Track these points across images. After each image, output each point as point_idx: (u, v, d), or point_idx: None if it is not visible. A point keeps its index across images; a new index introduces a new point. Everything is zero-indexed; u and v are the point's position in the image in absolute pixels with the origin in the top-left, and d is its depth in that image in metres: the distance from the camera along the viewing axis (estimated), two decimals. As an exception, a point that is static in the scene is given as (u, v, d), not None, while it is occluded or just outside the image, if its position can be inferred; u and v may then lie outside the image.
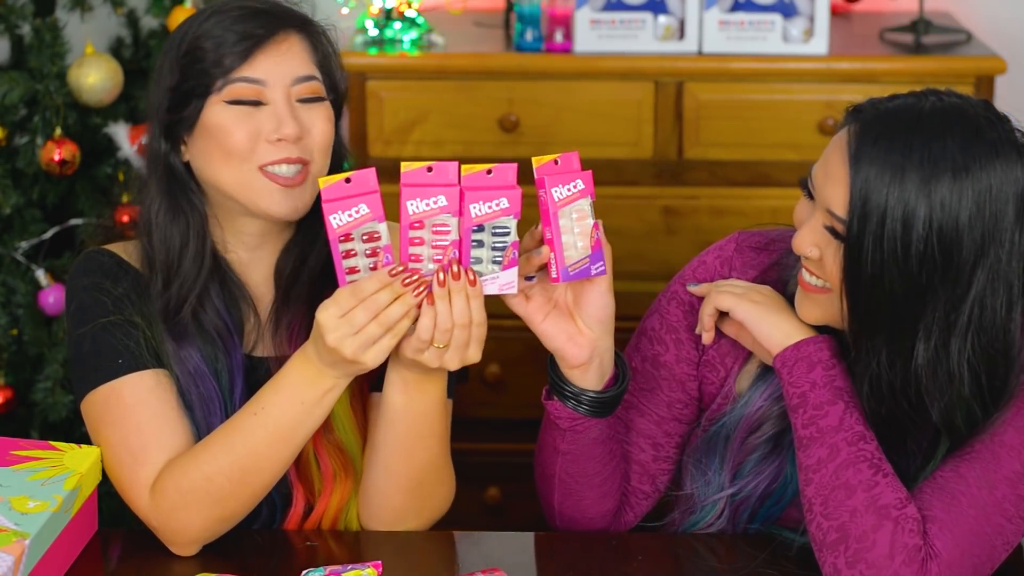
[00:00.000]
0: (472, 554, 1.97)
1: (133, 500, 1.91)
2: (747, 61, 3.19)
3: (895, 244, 1.72)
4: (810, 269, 1.83)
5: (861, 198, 1.73)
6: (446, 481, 1.98)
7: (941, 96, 1.79)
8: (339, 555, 1.93)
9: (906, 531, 1.75)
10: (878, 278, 1.74)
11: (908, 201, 1.71)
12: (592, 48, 3.22)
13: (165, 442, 1.89)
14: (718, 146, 3.23)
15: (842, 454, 1.79)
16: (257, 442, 1.85)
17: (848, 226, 1.75)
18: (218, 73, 1.90)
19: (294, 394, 1.83)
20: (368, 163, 3.25)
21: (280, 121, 1.90)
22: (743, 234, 2.03)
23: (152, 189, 1.97)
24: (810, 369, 1.84)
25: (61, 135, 2.84)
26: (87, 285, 1.96)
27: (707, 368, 1.99)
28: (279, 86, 1.91)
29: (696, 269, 2.02)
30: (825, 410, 1.81)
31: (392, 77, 3.23)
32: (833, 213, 1.77)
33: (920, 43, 3.28)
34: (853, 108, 1.81)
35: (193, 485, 1.86)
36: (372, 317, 1.73)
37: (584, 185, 1.79)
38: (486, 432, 3.13)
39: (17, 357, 2.90)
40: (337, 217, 1.72)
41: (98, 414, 1.92)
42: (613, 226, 3.23)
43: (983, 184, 1.72)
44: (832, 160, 1.78)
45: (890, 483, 1.78)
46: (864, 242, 1.73)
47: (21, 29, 2.97)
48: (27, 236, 2.89)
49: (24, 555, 1.75)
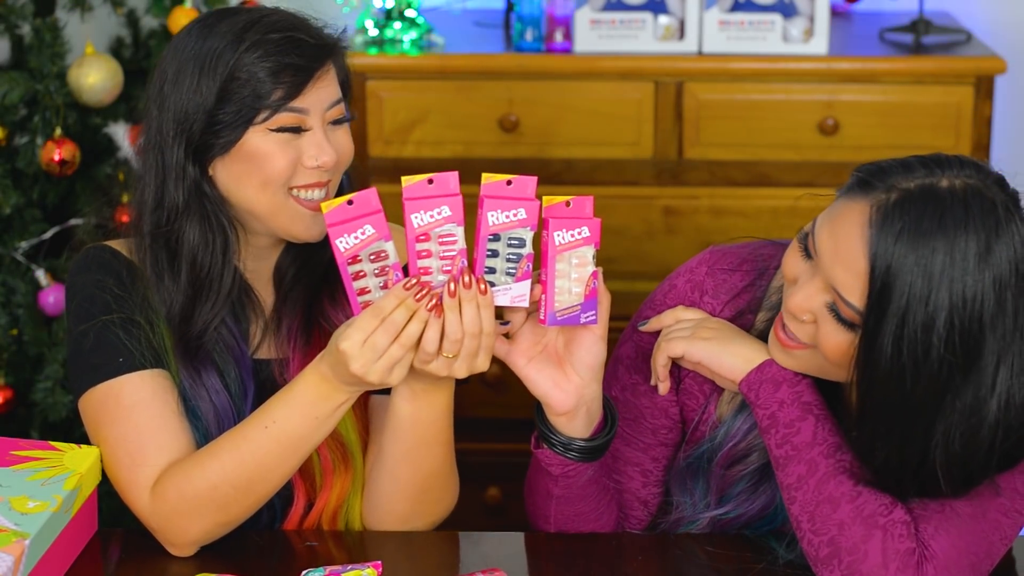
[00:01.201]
0: (472, 554, 1.97)
1: (131, 501, 1.91)
2: (747, 61, 3.19)
3: (915, 345, 1.66)
4: (792, 328, 1.78)
5: (881, 293, 1.66)
6: (451, 487, 1.99)
7: (956, 169, 1.69)
8: (339, 555, 1.93)
9: (896, 536, 1.74)
10: (894, 376, 1.68)
11: (930, 298, 1.64)
12: (592, 48, 3.22)
13: (164, 444, 1.89)
14: (718, 146, 3.23)
15: (820, 468, 1.78)
16: (267, 454, 1.85)
17: (865, 319, 1.69)
18: (266, 105, 1.88)
19: (308, 410, 1.83)
20: (368, 163, 3.26)
21: (320, 148, 1.91)
22: (715, 254, 1.98)
23: (178, 208, 1.93)
24: (776, 389, 1.82)
25: (61, 135, 2.84)
26: (88, 281, 1.95)
27: (686, 395, 1.97)
28: (318, 113, 1.91)
29: (667, 294, 1.98)
30: (796, 427, 1.80)
31: (392, 77, 3.23)
32: (844, 299, 1.70)
33: (920, 43, 3.28)
34: (862, 179, 1.71)
35: (197, 492, 1.86)
36: (393, 339, 1.73)
37: (589, 233, 1.77)
38: (486, 432, 3.13)
39: (17, 357, 2.90)
40: (344, 241, 1.72)
41: (96, 412, 1.92)
42: (613, 226, 3.25)
43: (1004, 276, 1.66)
44: (845, 237, 1.70)
45: (872, 492, 1.76)
46: (882, 339, 1.67)
47: (21, 29, 2.97)
48: (27, 236, 2.90)
49: (24, 555, 1.75)
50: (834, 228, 1.72)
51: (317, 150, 1.91)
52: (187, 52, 1.92)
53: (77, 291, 1.96)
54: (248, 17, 1.93)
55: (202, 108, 1.90)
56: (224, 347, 1.96)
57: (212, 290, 1.94)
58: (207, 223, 1.93)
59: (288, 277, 2.00)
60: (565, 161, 3.24)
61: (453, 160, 3.23)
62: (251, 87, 1.88)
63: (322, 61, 1.92)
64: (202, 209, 1.93)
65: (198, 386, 1.93)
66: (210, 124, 1.90)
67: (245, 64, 1.89)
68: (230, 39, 1.90)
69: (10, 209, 2.84)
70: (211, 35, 1.92)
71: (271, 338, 2.00)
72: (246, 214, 1.95)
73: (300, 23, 1.95)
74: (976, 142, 3.19)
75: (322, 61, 1.92)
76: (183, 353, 1.93)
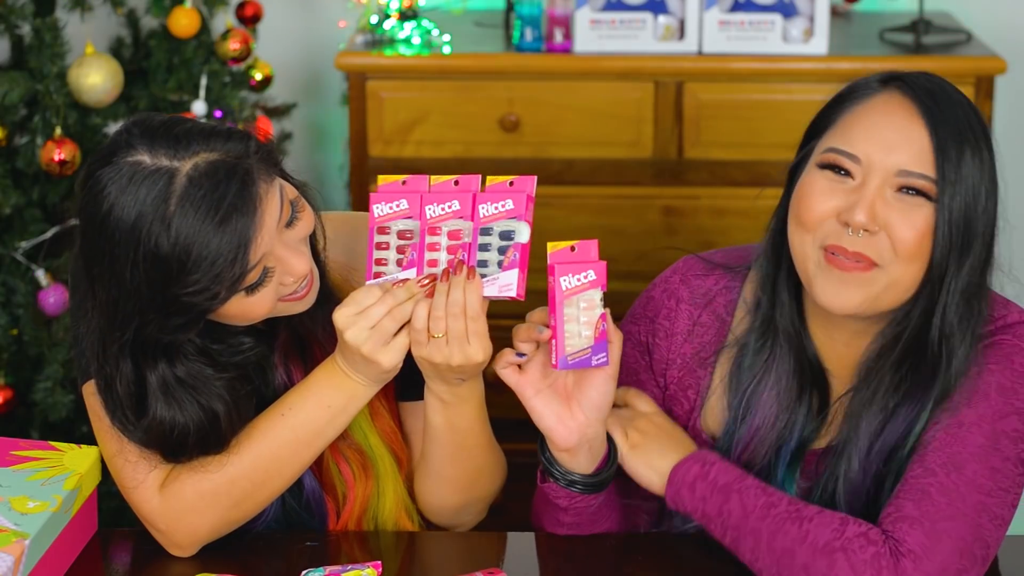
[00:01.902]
0: (472, 554, 1.97)
1: (137, 500, 1.90)
2: (747, 61, 3.19)
3: (986, 174, 1.79)
4: (856, 248, 1.79)
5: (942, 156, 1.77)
6: (498, 470, 2.02)
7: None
8: (339, 555, 1.93)
9: (857, 550, 1.75)
10: (971, 207, 1.78)
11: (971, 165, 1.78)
12: (592, 48, 3.22)
13: None
14: (718, 146, 3.23)
15: (763, 532, 1.79)
16: (281, 444, 1.86)
17: (940, 176, 1.77)
18: (224, 285, 1.74)
19: (321, 399, 1.85)
20: (368, 163, 3.26)
21: (290, 268, 1.79)
22: (688, 262, 2.01)
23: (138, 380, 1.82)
24: (692, 490, 1.85)
25: (61, 135, 2.84)
26: None
27: (672, 403, 1.99)
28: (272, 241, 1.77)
29: (645, 306, 2.01)
30: (727, 511, 1.82)
31: (392, 77, 3.23)
32: (916, 172, 1.77)
33: (920, 43, 3.28)
34: (890, 76, 1.86)
35: (215, 487, 1.86)
36: (387, 311, 1.76)
37: (596, 276, 1.79)
38: (486, 432, 3.14)
39: (17, 357, 2.91)
40: (379, 207, 1.78)
41: (97, 404, 1.91)
42: (613, 226, 3.25)
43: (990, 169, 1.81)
44: (890, 123, 1.80)
45: (817, 522, 1.78)
46: (961, 182, 1.77)
47: (21, 29, 2.98)
48: (27, 236, 2.90)
49: (24, 555, 1.75)
50: (872, 123, 1.82)
51: (288, 277, 1.80)
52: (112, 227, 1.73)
53: (79, 281, 1.95)
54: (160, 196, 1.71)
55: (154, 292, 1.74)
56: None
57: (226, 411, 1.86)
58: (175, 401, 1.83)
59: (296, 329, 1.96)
60: (565, 161, 3.24)
61: (453, 160, 3.23)
62: (203, 268, 1.72)
63: (255, 208, 1.72)
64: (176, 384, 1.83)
65: None
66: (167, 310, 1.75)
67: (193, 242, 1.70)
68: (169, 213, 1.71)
69: (10, 209, 2.84)
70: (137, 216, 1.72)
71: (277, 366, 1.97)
72: None
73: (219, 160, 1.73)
74: (976, 142, 3.19)
75: (255, 208, 1.72)
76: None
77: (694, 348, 1.97)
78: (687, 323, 1.97)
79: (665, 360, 1.99)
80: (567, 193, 3.24)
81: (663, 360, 1.99)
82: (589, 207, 3.24)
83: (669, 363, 1.99)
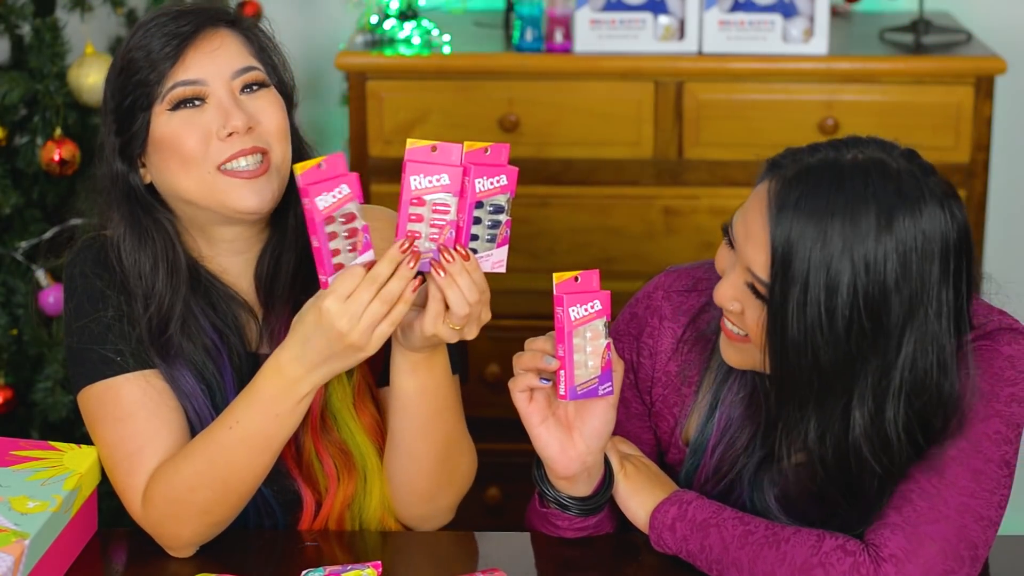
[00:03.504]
0: (472, 554, 1.97)
1: (128, 504, 1.91)
2: (747, 61, 3.19)
3: (819, 310, 1.68)
4: (731, 319, 1.80)
5: (783, 262, 1.69)
6: (467, 451, 2.00)
7: (863, 147, 1.73)
8: (339, 555, 1.93)
9: (835, 563, 1.75)
10: (803, 344, 1.70)
11: (831, 265, 1.67)
12: (592, 48, 3.22)
13: (161, 449, 1.89)
14: (718, 146, 3.23)
15: (744, 561, 1.80)
16: (235, 455, 1.85)
17: (771, 290, 1.71)
18: (154, 79, 1.88)
19: (268, 407, 1.83)
20: (368, 163, 3.26)
21: (227, 114, 1.88)
22: (669, 275, 2.00)
23: (115, 216, 1.95)
24: (673, 531, 1.86)
25: (61, 135, 2.84)
26: (86, 274, 1.95)
27: (658, 419, 2.00)
28: (218, 82, 1.89)
29: (628, 323, 2.01)
30: (707, 546, 1.83)
31: (392, 77, 3.23)
32: (754, 274, 1.73)
33: (920, 43, 3.28)
34: (772, 161, 1.77)
35: (178, 496, 1.86)
36: (375, 294, 1.74)
37: (601, 306, 1.80)
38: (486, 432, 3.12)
39: (17, 357, 2.91)
40: (323, 199, 1.71)
41: (95, 410, 1.92)
42: (613, 226, 3.25)
43: (907, 243, 1.67)
44: (751, 218, 1.74)
45: (794, 543, 1.78)
46: (788, 307, 1.69)
47: (21, 29, 2.98)
48: (27, 236, 2.90)
49: (24, 555, 1.75)
50: (744, 210, 1.77)
51: (223, 118, 1.88)
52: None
53: (75, 284, 1.96)
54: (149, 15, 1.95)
55: (110, 108, 1.92)
56: (202, 348, 1.94)
57: (155, 289, 1.93)
58: (136, 222, 1.94)
59: (267, 279, 2.00)
60: (565, 161, 3.24)
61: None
62: (141, 68, 1.89)
63: (203, 27, 1.90)
64: (131, 208, 1.94)
65: (175, 385, 1.92)
66: (120, 120, 1.92)
67: (132, 47, 1.91)
68: (124, 41, 1.94)
69: (10, 209, 2.84)
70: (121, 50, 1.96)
71: (266, 334, 2.00)
72: (188, 206, 1.93)
73: (186, 5, 1.95)
74: (976, 142, 3.19)
75: (203, 27, 1.90)
76: (154, 352, 1.92)
77: (678, 366, 1.97)
78: (671, 341, 1.97)
79: (650, 378, 1.99)
80: (567, 193, 3.24)
81: (648, 379, 2.00)
82: (589, 207, 3.24)
83: (654, 381, 1.99)
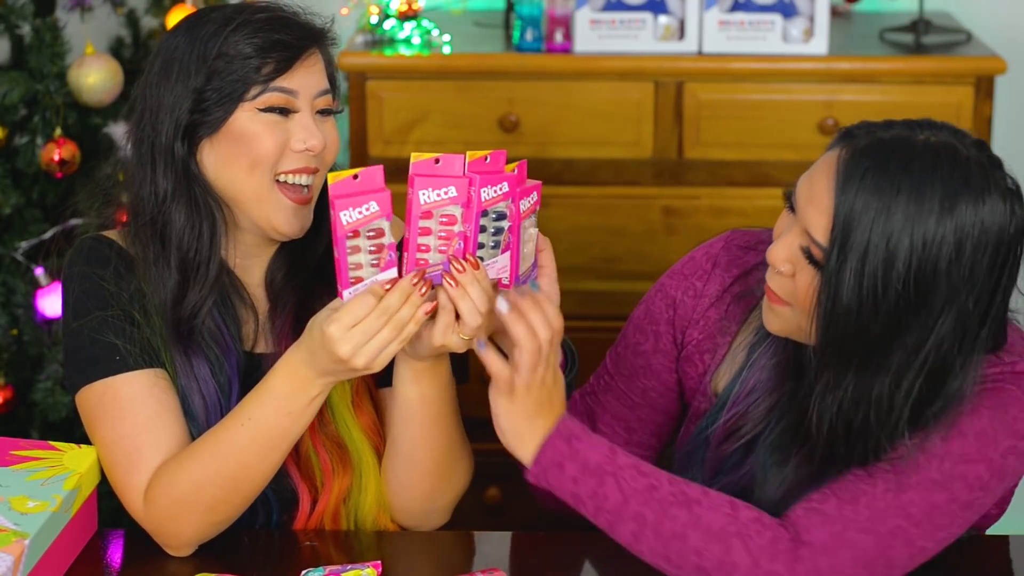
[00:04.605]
0: (472, 554, 1.97)
1: (128, 503, 1.91)
2: (747, 61, 3.19)
3: (875, 281, 1.70)
4: (775, 284, 1.81)
5: (844, 230, 1.71)
6: (465, 455, 2.02)
7: (936, 130, 1.76)
8: (339, 555, 1.93)
9: (753, 535, 1.75)
10: (854, 312, 1.72)
11: (891, 239, 1.69)
12: (592, 48, 3.22)
13: (161, 447, 1.89)
14: (718, 146, 3.23)
15: (648, 516, 1.77)
16: (245, 452, 1.85)
17: (828, 255, 1.73)
18: (257, 80, 1.90)
19: (281, 405, 1.83)
20: (368, 163, 3.25)
21: (308, 131, 1.92)
22: (735, 233, 2.03)
23: (167, 193, 1.94)
24: (561, 470, 1.80)
25: (61, 135, 2.84)
26: (85, 274, 1.95)
27: (686, 363, 2.01)
28: (307, 98, 1.93)
29: (685, 265, 2.03)
30: (601, 494, 1.78)
31: (392, 77, 3.23)
32: (813, 238, 1.75)
33: (920, 43, 3.28)
34: (846, 130, 1.78)
35: (184, 495, 1.86)
36: (386, 323, 1.74)
37: (537, 196, 1.81)
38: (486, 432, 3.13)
39: (17, 357, 2.91)
40: (348, 214, 1.72)
41: (94, 410, 1.92)
42: (613, 226, 3.25)
43: (965, 229, 1.70)
44: (817, 182, 1.75)
45: (707, 506, 1.77)
46: (844, 275, 1.71)
47: (21, 29, 2.98)
48: (27, 236, 2.90)
49: (24, 555, 1.75)
50: (811, 175, 1.78)
51: (305, 133, 1.92)
52: (176, 44, 1.95)
53: (74, 283, 1.96)
54: (236, 6, 1.96)
55: (191, 88, 1.92)
56: (213, 340, 1.95)
57: (200, 274, 1.94)
58: (194, 206, 1.94)
59: (278, 280, 2.01)
60: (565, 161, 3.24)
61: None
62: (239, 64, 1.90)
63: (310, 41, 1.95)
64: (190, 191, 1.94)
65: (189, 377, 1.93)
66: (198, 103, 1.92)
67: (233, 42, 1.91)
68: (219, 24, 1.93)
69: (10, 209, 2.84)
70: (199, 26, 1.94)
71: (265, 334, 2.00)
72: (231, 201, 1.95)
73: (289, 10, 1.98)
74: (976, 142, 3.19)
75: (310, 41, 1.95)
76: (175, 340, 1.93)
77: (719, 314, 1.98)
78: (718, 288, 1.99)
79: (688, 318, 2.00)
80: (567, 193, 3.24)
81: (686, 317, 2.00)
82: (589, 207, 3.24)
83: (692, 322, 2.00)
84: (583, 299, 3.19)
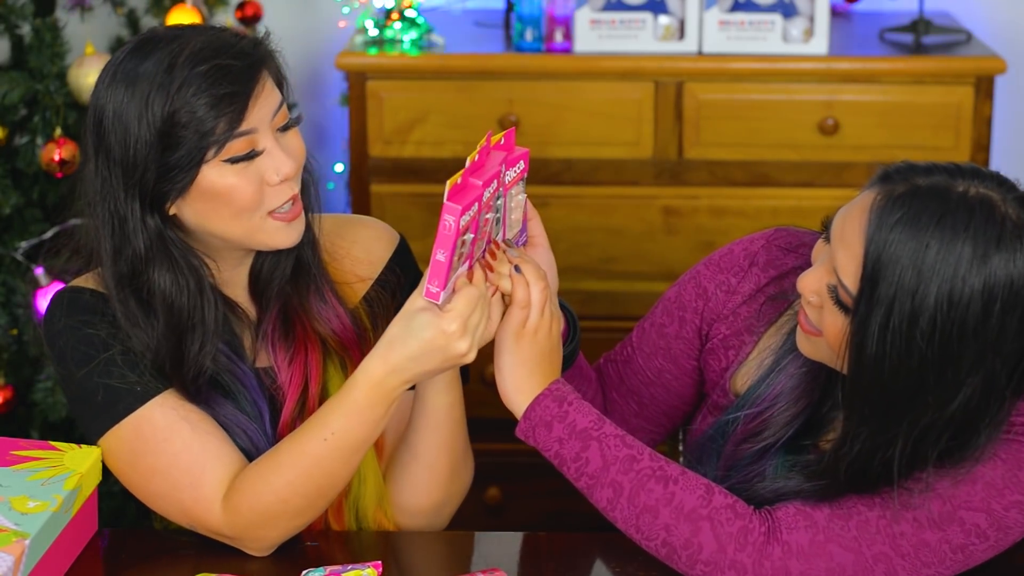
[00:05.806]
0: (472, 554, 1.97)
1: (201, 517, 1.89)
2: (747, 61, 3.19)
3: (899, 337, 1.66)
4: (805, 314, 1.80)
5: (871, 280, 1.67)
6: (471, 459, 2.05)
7: (980, 180, 1.68)
8: (339, 555, 1.93)
9: (724, 522, 1.76)
10: (878, 364, 1.69)
11: (916, 294, 1.64)
12: (592, 48, 3.22)
13: (216, 454, 1.88)
14: (718, 146, 3.23)
15: (625, 486, 1.79)
16: (330, 463, 1.86)
17: (856, 304, 1.69)
18: (213, 140, 1.82)
19: (364, 417, 1.84)
20: (368, 163, 3.26)
21: (279, 161, 1.86)
22: (779, 232, 2.00)
23: (143, 259, 1.88)
24: (549, 429, 1.82)
25: (61, 135, 2.84)
26: (73, 325, 1.91)
27: (710, 355, 2.01)
28: (266, 127, 1.86)
29: (724, 257, 2.02)
30: (584, 458, 1.81)
31: (392, 77, 3.23)
32: (841, 281, 1.71)
33: (920, 43, 3.29)
34: (885, 172, 1.73)
35: (269, 506, 1.86)
36: (483, 312, 1.80)
37: (524, 164, 1.85)
38: (486, 432, 3.13)
39: (17, 357, 2.91)
40: (464, 218, 1.72)
41: (132, 446, 1.89)
42: (613, 226, 3.25)
43: (995, 291, 1.64)
44: (850, 224, 1.71)
45: (683, 485, 1.78)
46: (870, 326, 1.67)
47: (21, 29, 2.98)
48: (27, 236, 2.90)
49: (24, 555, 1.75)
50: (846, 211, 1.74)
51: (277, 163, 1.86)
52: (118, 100, 1.85)
53: (63, 337, 1.91)
54: (169, 53, 1.84)
55: (150, 158, 1.84)
56: (225, 371, 1.94)
57: (197, 331, 1.90)
58: (176, 267, 1.89)
59: (262, 280, 1.99)
60: (565, 161, 3.24)
61: (453, 160, 3.23)
62: (193, 127, 1.82)
63: (256, 79, 1.85)
64: (168, 255, 1.89)
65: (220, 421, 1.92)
66: (162, 172, 1.84)
67: (180, 106, 1.82)
68: (159, 82, 1.82)
69: (10, 209, 2.84)
70: (137, 80, 1.84)
71: (262, 345, 1.99)
72: (219, 240, 1.91)
73: (223, 44, 1.86)
74: (976, 142, 3.19)
75: (256, 79, 1.85)
76: (187, 396, 1.90)
77: (750, 312, 1.98)
78: (752, 287, 1.98)
79: (717, 313, 2.00)
80: (566, 193, 3.24)
81: (715, 312, 2.00)
82: (589, 207, 3.24)
83: (721, 317, 2.00)
84: (583, 299, 3.19)
